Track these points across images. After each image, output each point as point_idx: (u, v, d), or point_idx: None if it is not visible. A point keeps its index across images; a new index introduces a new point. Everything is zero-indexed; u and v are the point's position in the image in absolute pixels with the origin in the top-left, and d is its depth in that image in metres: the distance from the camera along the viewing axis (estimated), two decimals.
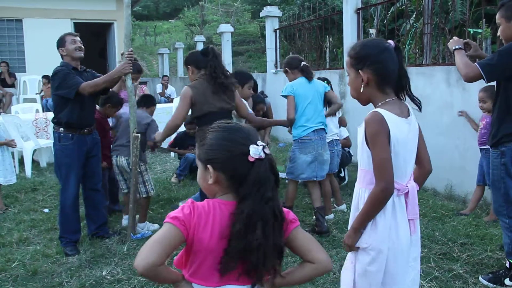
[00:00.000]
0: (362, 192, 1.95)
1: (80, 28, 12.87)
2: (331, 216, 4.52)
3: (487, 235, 3.88)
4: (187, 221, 1.38)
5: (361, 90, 1.93)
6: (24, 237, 4.15)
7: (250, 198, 1.37)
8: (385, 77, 1.91)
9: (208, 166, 1.43)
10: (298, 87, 4.11)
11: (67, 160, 3.85)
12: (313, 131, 4.10)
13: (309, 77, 4.16)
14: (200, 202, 1.44)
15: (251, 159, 1.38)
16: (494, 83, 4.20)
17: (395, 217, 1.90)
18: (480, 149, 4.37)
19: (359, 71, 1.92)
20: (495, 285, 3.05)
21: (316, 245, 1.48)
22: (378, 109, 1.89)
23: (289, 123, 4.17)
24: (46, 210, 4.96)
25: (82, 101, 3.83)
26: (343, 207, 4.82)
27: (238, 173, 1.39)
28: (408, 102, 1.99)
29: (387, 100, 1.92)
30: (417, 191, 1.99)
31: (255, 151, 1.38)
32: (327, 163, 4.23)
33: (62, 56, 3.91)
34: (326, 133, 4.29)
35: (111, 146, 4.45)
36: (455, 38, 3.13)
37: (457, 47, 3.02)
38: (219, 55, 3.73)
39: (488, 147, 4.24)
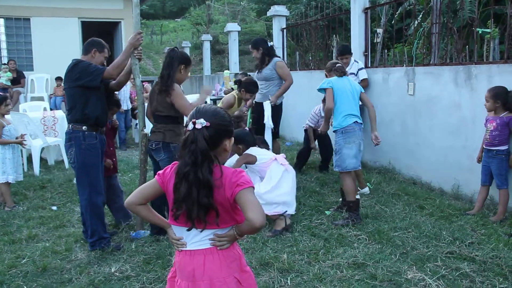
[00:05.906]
0: None
1: (87, 26, 12.95)
2: (366, 189, 5.18)
3: (494, 234, 3.87)
4: (164, 176, 1.86)
5: None
6: (33, 234, 4.20)
7: (180, 159, 1.76)
8: None
9: None
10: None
11: (95, 160, 3.75)
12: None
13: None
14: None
15: (186, 130, 1.77)
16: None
17: (275, 164, 4.27)
18: (488, 150, 4.35)
19: None
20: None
21: (252, 207, 1.70)
22: None
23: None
24: (55, 208, 5.01)
25: (102, 96, 3.79)
26: (366, 189, 5.18)
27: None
28: None
29: None
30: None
31: (189, 124, 1.75)
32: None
33: (87, 53, 3.82)
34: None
35: None
36: None
37: None
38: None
39: (499, 148, 4.25)
